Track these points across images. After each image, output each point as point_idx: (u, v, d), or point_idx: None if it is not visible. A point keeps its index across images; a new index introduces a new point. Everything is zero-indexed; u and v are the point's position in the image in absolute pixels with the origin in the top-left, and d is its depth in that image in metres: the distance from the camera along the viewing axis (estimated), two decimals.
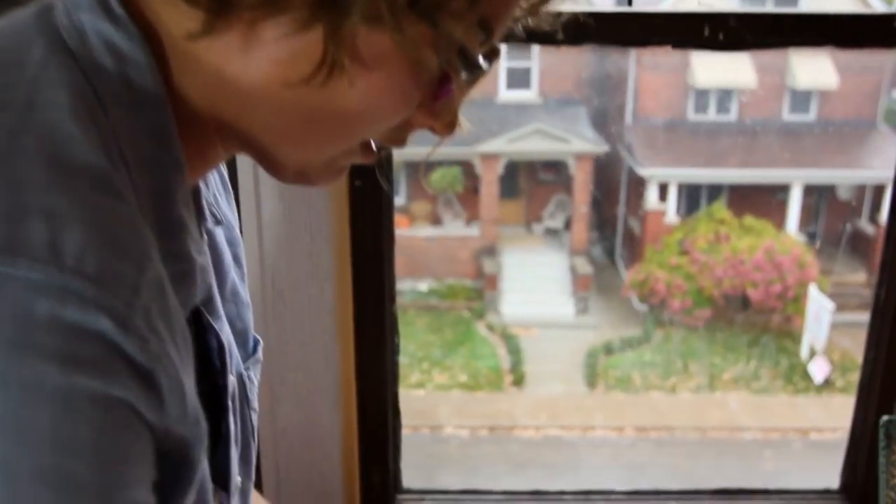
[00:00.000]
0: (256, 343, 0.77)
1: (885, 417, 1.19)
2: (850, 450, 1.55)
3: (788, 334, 6.56)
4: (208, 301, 0.62)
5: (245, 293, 0.75)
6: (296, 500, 1.46)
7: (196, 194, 0.60)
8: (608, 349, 6.07)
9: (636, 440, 5.72)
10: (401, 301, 6.07)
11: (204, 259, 0.56)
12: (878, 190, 6.58)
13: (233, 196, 0.78)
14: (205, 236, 0.62)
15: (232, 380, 0.65)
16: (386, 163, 1.27)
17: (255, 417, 0.75)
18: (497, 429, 5.63)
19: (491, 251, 6.17)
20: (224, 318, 0.67)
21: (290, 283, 1.36)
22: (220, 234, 0.70)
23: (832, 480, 1.62)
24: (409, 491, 1.54)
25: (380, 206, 1.37)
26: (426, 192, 6.15)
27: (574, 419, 5.76)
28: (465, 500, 1.54)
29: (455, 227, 6.19)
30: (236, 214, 0.77)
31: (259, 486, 1.44)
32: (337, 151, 0.54)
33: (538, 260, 6.26)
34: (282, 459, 1.45)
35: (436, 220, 6.22)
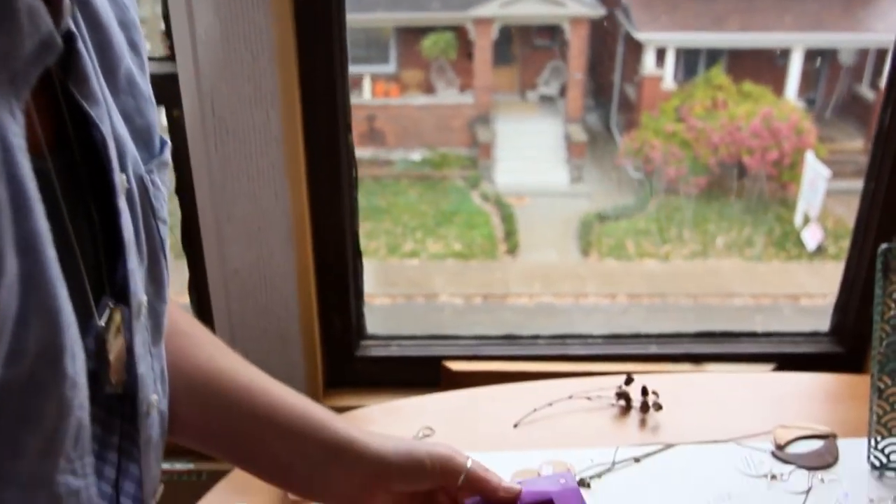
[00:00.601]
0: (164, 144, 0.65)
1: (883, 246, 1.06)
2: (842, 291, 1.43)
3: (783, 202, 6.45)
4: (78, 79, 0.51)
5: (147, 86, 0.63)
6: (251, 345, 1.35)
7: None
8: (602, 217, 5.96)
9: (629, 307, 5.69)
10: (393, 171, 5.92)
11: (36, 4, 0.42)
12: (881, 54, 6.33)
13: None
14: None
15: (122, 178, 0.57)
16: None
17: (164, 230, 0.63)
18: (491, 297, 5.59)
19: (485, 119, 5.97)
20: (108, 106, 0.56)
21: (231, 108, 1.21)
22: (102, 7, 0.57)
23: None
24: (375, 337, 1.43)
25: (329, 18, 1.20)
26: (418, 60, 5.90)
27: (567, 287, 5.71)
28: (435, 344, 1.43)
29: (448, 96, 5.97)
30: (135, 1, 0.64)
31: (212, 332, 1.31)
32: None
33: (532, 128, 6.06)
34: (234, 304, 1.33)
35: (428, 89, 5.99)
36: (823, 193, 5.86)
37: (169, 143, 0.67)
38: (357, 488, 0.75)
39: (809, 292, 6.01)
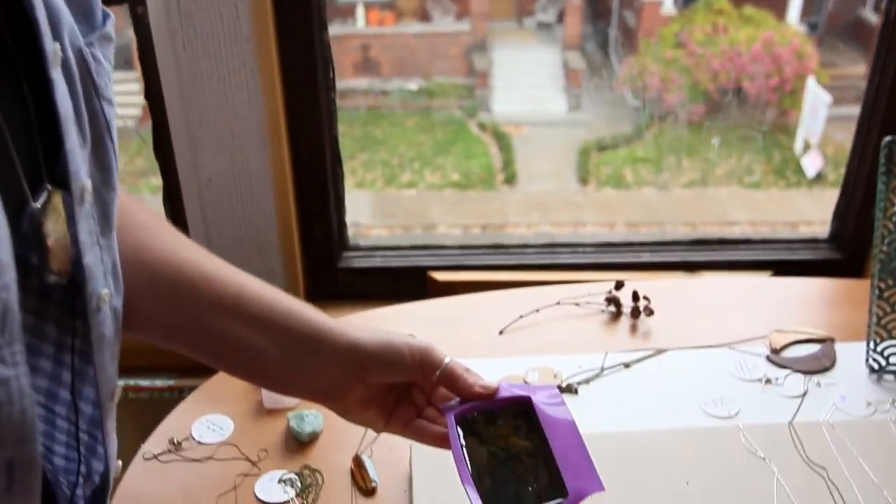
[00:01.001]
0: (106, 17, 0.59)
1: (887, 138, 0.99)
2: (842, 195, 1.36)
3: (783, 128, 6.34)
4: None
5: None
6: (229, 256, 1.27)
7: None
8: (600, 146, 5.86)
9: (627, 235, 5.63)
10: (389, 101, 5.77)
11: None
12: None
13: None
14: None
15: (55, 47, 0.51)
16: None
17: (109, 111, 0.58)
18: (489, 227, 5.52)
19: (481, 47, 5.83)
20: None
21: (197, 3, 1.13)
22: None
23: None
24: (357, 248, 1.37)
25: None
26: None
27: (565, 216, 5.65)
28: (419, 255, 1.37)
29: (444, 23, 5.82)
30: None
31: None
32: None
33: (530, 56, 5.92)
34: (209, 213, 1.27)
35: (424, 16, 5.83)
36: (824, 119, 5.75)
37: (112, 16, 0.60)
38: (332, 379, 0.70)
39: (808, 219, 5.94)
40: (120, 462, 0.81)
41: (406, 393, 0.73)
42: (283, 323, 0.71)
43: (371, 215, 5.39)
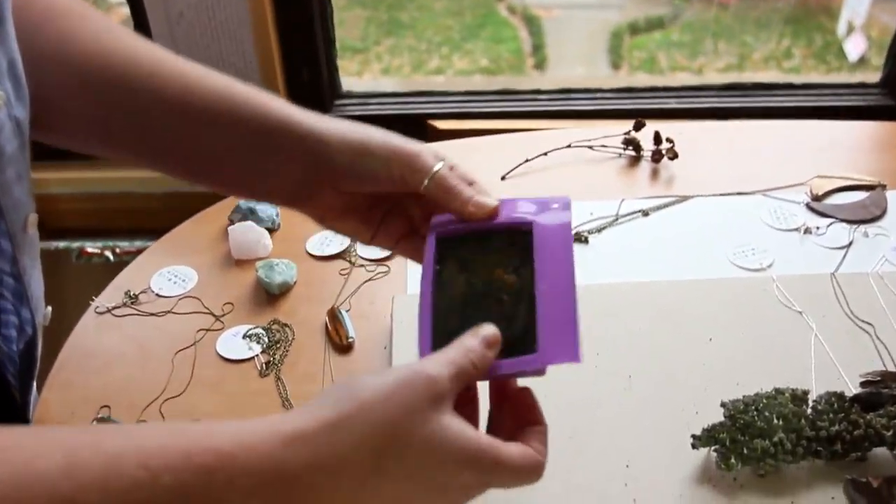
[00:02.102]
0: None
1: None
2: None
3: (826, 10, 5.93)
4: None
5: None
6: None
7: None
8: (634, 29, 5.53)
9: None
10: None
11: None
12: None
13: None
14: None
15: None
16: None
17: None
18: None
19: None
20: None
21: None
22: None
23: None
24: (350, 94, 1.21)
25: None
26: None
27: None
28: (419, 101, 1.21)
29: None
30: None
31: None
32: None
33: None
34: (183, 53, 1.10)
35: None
36: (869, 0, 5.37)
37: None
38: (295, 182, 0.55)
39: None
40: (49, 308, 0.69)
41: (399, 204, 0.58)
42: (238, 116, 0.56)
43: None
